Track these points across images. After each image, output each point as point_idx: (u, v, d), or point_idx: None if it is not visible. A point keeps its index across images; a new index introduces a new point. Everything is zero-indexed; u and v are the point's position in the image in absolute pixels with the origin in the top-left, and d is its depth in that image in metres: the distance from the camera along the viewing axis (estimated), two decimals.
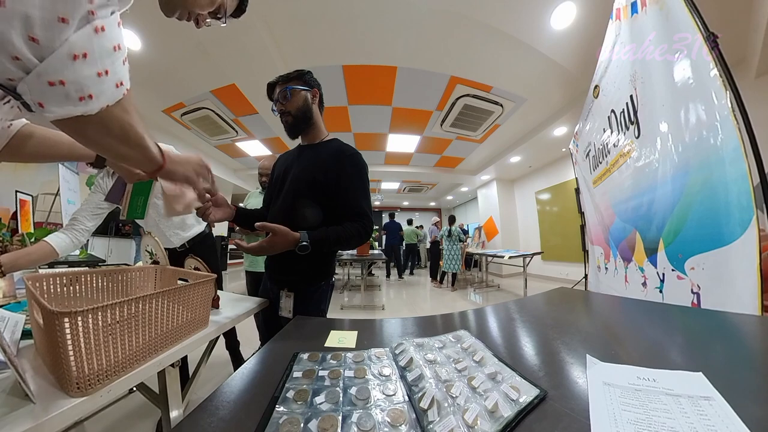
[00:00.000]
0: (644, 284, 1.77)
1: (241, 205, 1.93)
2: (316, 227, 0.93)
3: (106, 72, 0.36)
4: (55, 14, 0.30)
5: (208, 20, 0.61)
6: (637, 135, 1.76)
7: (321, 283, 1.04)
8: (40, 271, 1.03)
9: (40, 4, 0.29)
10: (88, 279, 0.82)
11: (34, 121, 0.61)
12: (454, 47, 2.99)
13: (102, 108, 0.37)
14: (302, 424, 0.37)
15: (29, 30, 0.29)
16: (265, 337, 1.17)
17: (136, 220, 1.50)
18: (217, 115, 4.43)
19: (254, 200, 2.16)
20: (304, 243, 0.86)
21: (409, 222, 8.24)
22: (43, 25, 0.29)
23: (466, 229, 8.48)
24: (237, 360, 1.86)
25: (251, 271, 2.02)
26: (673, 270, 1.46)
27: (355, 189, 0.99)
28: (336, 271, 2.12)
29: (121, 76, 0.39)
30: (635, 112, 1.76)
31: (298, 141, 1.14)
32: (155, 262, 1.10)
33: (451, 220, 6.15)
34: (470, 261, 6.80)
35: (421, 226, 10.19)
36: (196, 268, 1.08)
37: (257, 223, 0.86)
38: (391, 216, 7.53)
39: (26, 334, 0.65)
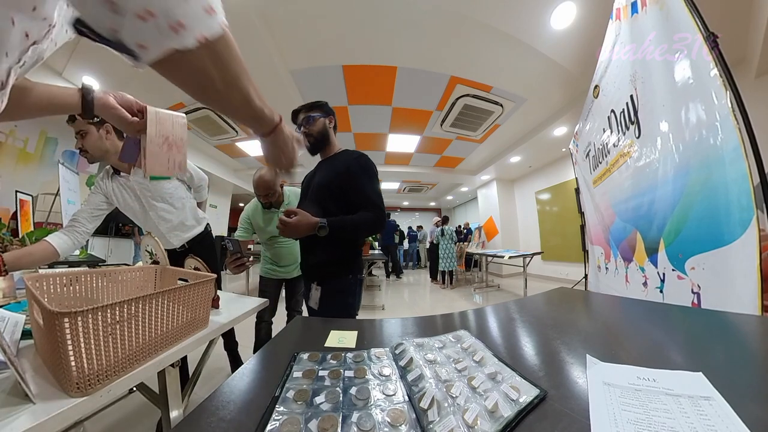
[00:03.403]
0: (645, 284, 1.76)
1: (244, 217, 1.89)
2: None
3: None
4: None
5: None
6: (637, 135, 1.76)
7: (348, 276, 1.13)
8: (40, 271, 1.03)
9: None
10: (88, 279, 0.82)
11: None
12: (454, 47, 2.99)
13: (199, 40, 0.35)
14: (302, 424, 0.37)
15: None
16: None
17: (137, 222, 1.49)
18: (217, 115, 4.43)
19: (261, 220, 1.87)
20: (322, 224, 1.02)
21: None
22: None
23: (472, 228, 8.47)
24: (235, 362, 1.85)
25: (268, 278, 1.92)
26: (673, 270, 1.46)
27: (363, 185, 1.11)
28: None
29: (210, 1, 0.35)
30: (635, 112, 1.76)
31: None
32: (155, 262, 1.10)
33: (445, 220, 6.37)
34: (470, 261, 6.81)
35: (421, 227, 10.20)
36: (196, 269, 1.08)
37: (286, 209, 1.06)
38: (387, 216, 7.53)
39: (26, 334, 0.65)
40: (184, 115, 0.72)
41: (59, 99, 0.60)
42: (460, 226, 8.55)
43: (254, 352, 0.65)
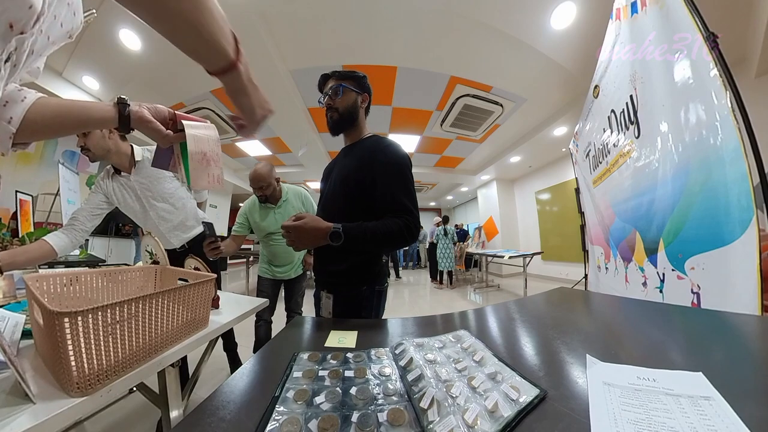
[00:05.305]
0: (644, 284, 1.77)
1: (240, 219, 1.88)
2: None
3: None
4: None
5: None
6: (637, 135, 1.76)
7: (362, 287, 0.96)
8: (40, 271, 1.03)
9: None
10: (88, 279, 0.82)
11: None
12: (454, 47, 2.99)
13: None
14: (302, 424, 0.37)
15: None
16: None
17: (137, 222, 1.49)
18: (217, 115, 4.43)
19: (257, 215, 1.87)
20: (336, 230, 0.82)
21: None
22: None
23: (466, 229, 8.48)
24: (234, 363, 1.85)
25: (266, 277, 1.93)
26: (673, 270, 1.46)
27: (389, 182, 0.91)
28: None
29: None
30: (635, 112, 1.76)
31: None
32: (155, 262, 1.10)
33: (445, 220, 6.39)
34: (470, 261, 6.80)
35: (421, 227, 10.21)
36: (196, 268, 1.08)
37: (295, 215, 0.86)
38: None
39: (26, 334, 0.65)
40: (215, 127, 0.72)
41: (97, 115, 0.59)
42: (456, 226, 8.55)
43: (254, 352, 0.64)
